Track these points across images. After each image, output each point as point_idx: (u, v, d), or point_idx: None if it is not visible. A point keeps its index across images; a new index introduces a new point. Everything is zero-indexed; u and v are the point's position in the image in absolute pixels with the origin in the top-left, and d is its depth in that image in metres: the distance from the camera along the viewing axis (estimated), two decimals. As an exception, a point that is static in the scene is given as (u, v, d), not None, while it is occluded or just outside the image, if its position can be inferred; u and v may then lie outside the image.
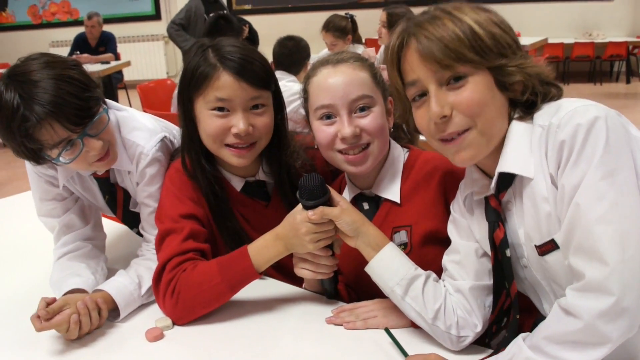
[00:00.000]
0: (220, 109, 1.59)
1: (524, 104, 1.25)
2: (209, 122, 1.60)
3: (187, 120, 1.66)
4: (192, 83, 1.60)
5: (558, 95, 1.27)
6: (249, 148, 1.63)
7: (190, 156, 1.70)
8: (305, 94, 1.65)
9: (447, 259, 1.47)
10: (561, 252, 1.19)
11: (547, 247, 1.22)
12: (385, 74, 1.65)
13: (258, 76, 1.60)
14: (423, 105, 1.27)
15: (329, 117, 1.56)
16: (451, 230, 1.48)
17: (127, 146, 1.77)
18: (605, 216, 1.07)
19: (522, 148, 1.23)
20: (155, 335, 1.49)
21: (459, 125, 1.23)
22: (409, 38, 1.25)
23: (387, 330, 1.42)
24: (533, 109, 1.24)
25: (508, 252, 1.30)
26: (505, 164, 1.25)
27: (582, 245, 1.10)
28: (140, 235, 1.89)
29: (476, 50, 1.19)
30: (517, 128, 1.25)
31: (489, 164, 1.30)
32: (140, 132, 1.79)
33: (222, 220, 1.72)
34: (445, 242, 1.49)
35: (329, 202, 1.49)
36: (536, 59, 1.27)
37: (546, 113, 1.20)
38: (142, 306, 1.65)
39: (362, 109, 1.55)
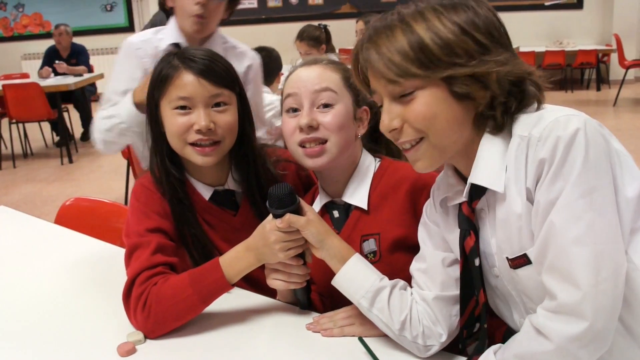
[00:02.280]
0: (183, 107, 1.63)
1: (501, 110, 1.19)
2: (172, 121, 1.64)
3: (153, 123, 1.70)
4: (156, 86, 1.66)
5: (537, 100, 1.21)
6: (213, 147, 1.65)
7: (157, 159, 1.72)
8: (282, 90, 1.70)
9: (415, 267, 1.47)
10: (533, 268, 1.18)
11: (520, 262, 1.21)
12: None
13: (219, 75, 1.65)
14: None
15: (295, 110, 1.61)
16: (422, 236, 1.48)
17: (227, 49, 2.46)
18: (580, 237, 1.05)
19: (495, 160, 1.20)
20: (127, 350, 1.47)
21: (410, 136, 1.22)
22: (362, 52, 1.24)
23: (360, 339, 1.42)
24: (509, 114, 1.19)
25: (477, 262, 1.29)
26: (476, 176, 1.23)
27: (555, 265, 1.09)
28: None
29: (422, 63, 1.14)
30: (490, 140, 1.22)
31: (465, 168, 1.28)
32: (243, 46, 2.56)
33: (188, 228, 1.72)
34: (415, 249, 1.49)
35: (298, 211, 1.49)
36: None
37: (527, 122, 1.17)
38: (113, 321, 1.62)
39: (325, 106, 1.59)
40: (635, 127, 7.71)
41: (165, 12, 6.85)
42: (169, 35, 2.37)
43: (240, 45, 2.56)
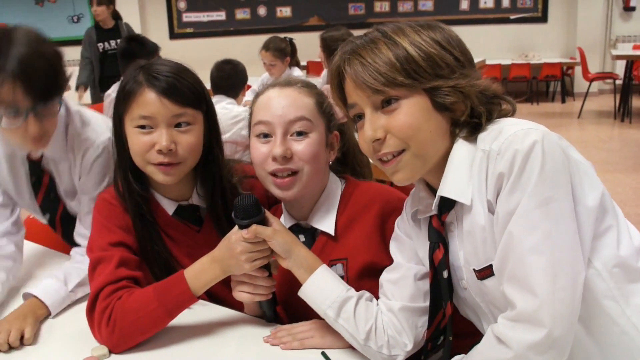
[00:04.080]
0: (144, 126, 1.59)
1: (469, 124, 1.24)
2: (134, 140, 1.60)
3: (117, 138, 1.67)
4: (121, 101, 1.62)
5: (511, 111, 1.27)
6: (174, 166, 1.62)
7: (120, 174, 1.69)
8: (250, 110, 1.65)
9: (385, 277, 1.48)
10: (496, 278, 1.20)
11: (486, 272, 1.23)
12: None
13: (183, 94, 1.59)
14: (363, 126, 1.28)
15: (265, 135, 1.56)
16: (393, 249, 1.48)
17: (72, 137, 1.86)
18: (537, 247, 1.08)
19: (462, 173, 1.22)
20: (92, 365, 1.46)
21: (392, 147, 1.24)
22: (344, 65, 1.27)
23: (323, 353, 1.42)
24: (478, 129, 1.23)
25: (445, 274, 1.31)
26: (445, 189, 1.25)
27: (514, 274, 1.11)
28: (50, 225, 2.06)
29: (408, 74, 1.19)
30: (461, 149, 1.24)
31: (436, 182, 1.30)
32: (93, 126, 1.89)
33: (150, 245, 1.70)
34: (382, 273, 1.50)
35: (264, 222, 1.49)
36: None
37: (489, 136, 1.20)
38: (77, 335, 1.60)
39: (299, 134, 1.54)
40: (599, 139, 7.85)
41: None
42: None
43: (90, 130, 1.88)
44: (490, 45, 10.74)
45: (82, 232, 1.90)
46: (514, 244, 1.10)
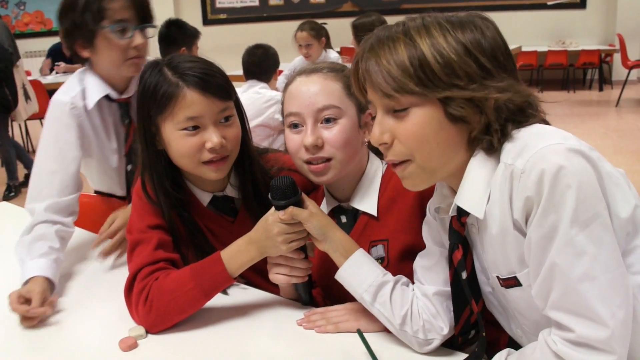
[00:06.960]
0: (192, 127, 1.56)
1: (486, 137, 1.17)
2: (181, 143, 1.57)
3: (148, 143, 1.63)
4: (154, 105, 1.56)
5: (536, 121, 1.18)
6: (224, 160, 1.62)
7: (152, 181, 1.66)
8: (282, 100, 1.65)
9: (418, 263, 1.46)
10: (524, 290, 1.17)
11: (510, 283, 1.20)
12: None
13: (222, 88, 1.58)
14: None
15: (296, 125, 1.56)
16: (425, 233, 1.46)
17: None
18: (588, 273, 1.02)
19: (478, 187, 1.17)
20: (129, 345, 1.47)
21: (397, 154, 1.20)
22: (363, 61, 1.20)
23: (359, 332, 1.42)
24: (501, 145, 1.15)
25: (464, 274, 1.29)
26: (460, 199, 1.21)
27: (565, 302, 1.06)
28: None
29: (421, 81, 1.11)
30: (479, 163, 1.18)
31: (456, 186, 1.25)
32: None
33: (191, 237, 1.71)
34: None
35: (300, 203, 1.49)
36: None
37: (514, 149, 1.11)
38: (115, 316, 1.62)
39: (328, 120, 1.54)
40: (638, 128, 7.70)
41: None
42: (93, 90, 2.08)
43: None
44: (527, 32, 10.58)
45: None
46: (561, 274, 1.04)
